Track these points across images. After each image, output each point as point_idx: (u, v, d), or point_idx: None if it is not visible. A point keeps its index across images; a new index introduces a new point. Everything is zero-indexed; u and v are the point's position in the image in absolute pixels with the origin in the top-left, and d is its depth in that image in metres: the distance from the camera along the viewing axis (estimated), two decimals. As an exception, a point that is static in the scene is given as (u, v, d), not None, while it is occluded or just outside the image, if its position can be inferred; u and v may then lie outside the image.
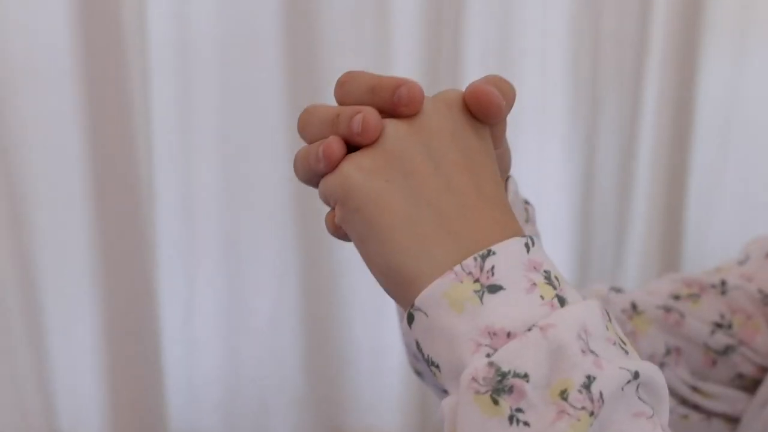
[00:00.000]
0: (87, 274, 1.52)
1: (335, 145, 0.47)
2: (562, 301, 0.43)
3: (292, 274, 1.60)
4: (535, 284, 0.43)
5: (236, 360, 1.67)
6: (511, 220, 0.47)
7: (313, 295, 1.63)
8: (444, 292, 0.43)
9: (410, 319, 0.45)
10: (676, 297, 0.77)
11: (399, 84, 0.47)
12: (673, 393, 0.76)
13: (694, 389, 0.76)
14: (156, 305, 1.53)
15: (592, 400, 0.39)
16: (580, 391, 0.40)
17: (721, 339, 0.74)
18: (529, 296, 0.43)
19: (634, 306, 0.77)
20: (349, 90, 0.49)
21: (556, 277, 0.45)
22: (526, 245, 0.45)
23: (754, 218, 1.69)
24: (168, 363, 1.62)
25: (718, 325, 0.75)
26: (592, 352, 0.41)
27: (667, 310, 0.76)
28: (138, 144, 1.45)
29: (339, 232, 0.49)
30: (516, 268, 0.44)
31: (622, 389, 0.41)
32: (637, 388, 0.42)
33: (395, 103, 0.47)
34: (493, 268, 0.43)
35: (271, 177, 1.57)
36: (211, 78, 1.52)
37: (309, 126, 0.50)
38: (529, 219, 0.64)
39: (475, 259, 0.43)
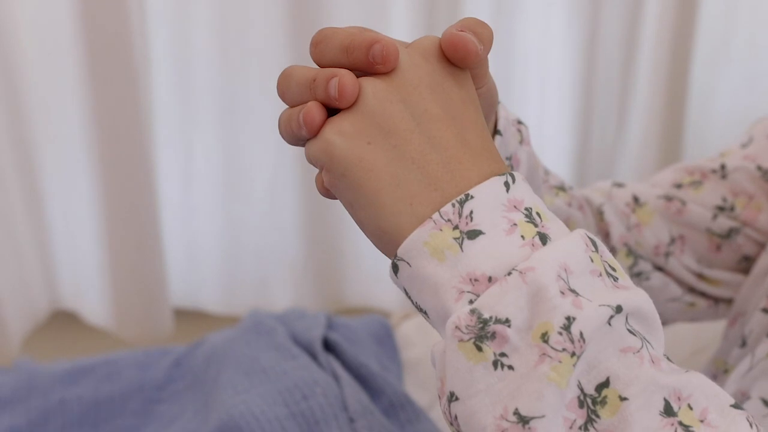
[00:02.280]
0: (84, 145, 1.51)
1: (315, 111, 0.47)
2: (543, 239, 0.43)
3: (290, 147, 1.59)
4: (515, 224, 0.43)
5: (235, 229, 1.68)
6: (498, 167, 0.47)
7: (312, 163, 1.62)
8: (424, 241, 0.43)
9: (395, 269, 0.45)
10: (678, 185, 0.77)
11: (372, 42, 0.46)
12: (680, 282, 0.77)
13: (700, 277, 0.77)
14: (154, 175, 1.53)
15: (572, 341, 0.40)
16: (560, 333, 0.40)
17: (724, 222, 0.75)
18: (510, 238, 0.43)
19: (636, 198, 0.77)
20: (324, 50, 0.48)
21: (538, 213, 0.44)
22: (506, 183, 0.45)
23: (761, 73, 1.67)
24: (167, 232, 1.63)
25: (720, 209, 0.75)
26: (572, 291, 0.41)
27: (669, 199, 0.76)
28: (131, 8, 1.41)
29: (329, 193, 0.49)
30: (495, 209, 0.44)
31: (610, 324, 0.41)
32: (626, 319, 0.42)
33: (370, 62, 0.46)
34: (471, 212, 0.43)
35: (269, 44, 1.54)
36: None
37: (288, 90, 0.49)
38: (523, 140, 0.63)
39: (453, 205, 0.43)
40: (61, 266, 1.65)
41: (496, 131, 0.59)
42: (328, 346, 1.01)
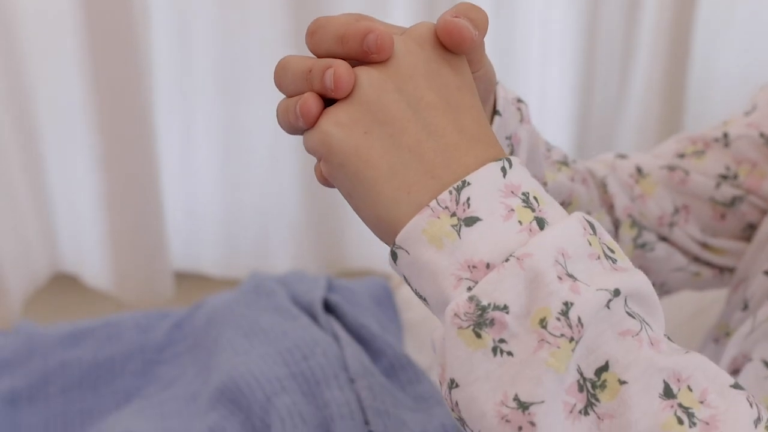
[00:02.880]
0: (84, 108, 1.51)
1: (311, 102, 0.47)
2: (541, 223, 0.43)
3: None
4: (512, 210, 0.43)
5: (235, 192, 1.68)
6: (495, 152, 0.47)
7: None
8: (422, 229, 0.44)
9: (394, 256, 0.46)
10: (681, 155, 0.77)
11: (367, 32, 0.46)
12: (685, 252, 0.77)
13: (705, 246, 0.77)
14: (153, 138, 1.53)
15: (570, 326, 0.40)
16: (558, 319, 0.40)
17: (727, 191, 0.74)
18: (507, 224, 0.43)
19: (639, 169, 0.77)
20: (319, 40, 0.49)
21: (536, 197, 0.45)
22: (503, 169, 0.45)
23: (763, 35, 1.66)
24: (167, 195, 1.63)
25: (724, 177, 0.75)
26: (569, 276, 0.41)
27: (672, 169, 0.76)
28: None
29: (328, 182, 0.49)
30: (492, 195, 0.44)
31: (608, 307, 0.41)
32: (625, 302, 0.42)
33: (365, 52, 0.47)
34: (468, 199, 0.43)
35: (270, 8, 1.52)
36: None
37: (284, 81, 0.49)
38: (523, 118, 0.63)
39: (450, 192, 0.44)
40: (61, 229, 1.65)
41: (495, 112, 0.59)
42: (329, 307, 1.01)
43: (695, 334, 0.94)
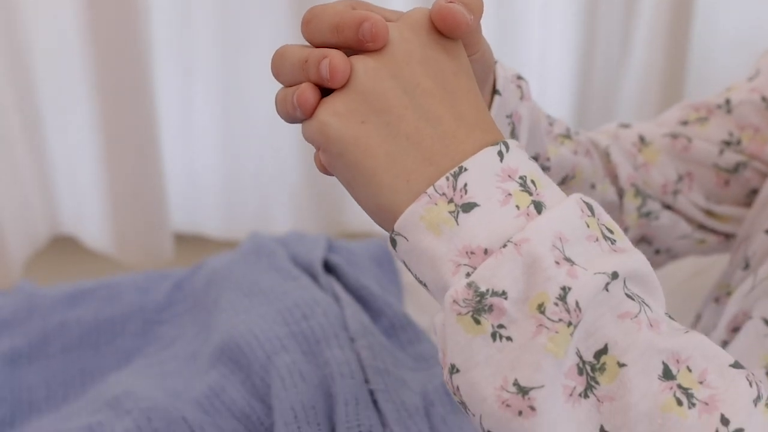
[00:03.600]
0: (83, 69, 1.50)
1: (308, 93, 0.47)
2: (539, 207, 0.43)
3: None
4: (510, 194, 0.44)
5: (236, 153, 1.67)
6: (493, 137, 0.47)
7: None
8: (420, 215, 0.44)
9: (393, 243, 0.46)
10: (685, 122, 0.77)
11: (361, 21, 0.46)
12: (689, 219, 0.77)
13: (709, 213, 0.77)
14: (153, 99, 1.52)
15: (568, 311, 0.40)
16: (556, 304, 0.40)
17: (730, 157, 0.75)
18: (504, 208, 0.43)
19: (641, 138, 0.77)
20: (314, 29, 0.49)
21: (533, 181, 0.45)
22: (500, 153, 0.45)
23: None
24: (167, 156, 1.62)
25: (727, 143, 0.75)
26: (567, 260, 0.41)
27: (674, 137, 0.76)
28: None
29: (328, 171, 0.49)
30: (489, 180, 0.44)
31: (607, 290, 0.41)
32: (624, 283, 0.42)
33: (360, 41, 0.47)
34: (466, 185, 0.44)
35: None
36: None
37: (282, 70, 0.50)
38: (524, 95, 0.63)
39: (447, 178, 0.44)
40: (61, 191, 1.65)
41: (494, 91, 0.59)
42: (329, 268, 1.01)
43: (695, 294, 0.94)
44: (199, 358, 0.91)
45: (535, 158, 0.65)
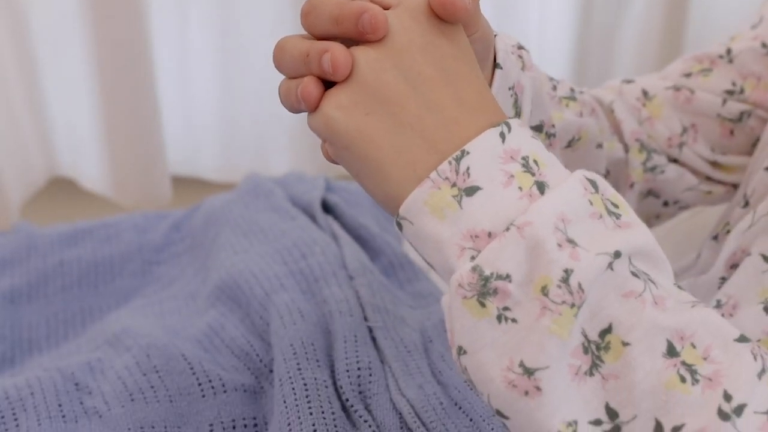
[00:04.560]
0: (78, 12, 1.48)
1: (311, 87, 0.48)
2: (541, 188, 0.44)
3: (288, 11, 1.55)
4: (512, 176, 0.44)
5: (233, 95, 1.66)
6: (496, 118, 0.47)
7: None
8: (424, 200, 0.44)
9: (399, 226, 0.47)
10: (688, 75, 0.77)
11: (361, 12, 0.47)
12: (695, 171, 0.78)
13: (714, 164, 0.77)
14: (150, 41, 1.50)
15: (571, 293, 0.41)
16: (559, 286, 0.41)
17: (734, 107, 0.75)
18: (507, 191, 0.43)
19: (645, 92, 0.77)
20: (314, 21, 0.49)
21: (536, 161, 0.45)
22: (501, 134, 0.45)
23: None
24: (164, 98, 1.61)
25: (730, 93, 0.75)
26: (569, 242, 0.42)
27: (677, 89, 0.76)
28: None
29: (335, 161, 0.50)
30: (492, 162, 0.44)
31: (612, 268, 0.42)
32: (630, 261, 0.42)
33: (360, 32, 0.47)
34: (468, 168, 0.44)
35: None
36: None
37: (283, 63, 0.51)
38: (525, 65, 0.63)
39: (450, 162, 0.44)
40: (58, 133, 1.64)
41: (495, 65, 0.59)
42: (327, 208, 1.01)
43: (694, 233, 0.95)
44: (197, 297, 0.91)
45: (540, 126, 0.65)
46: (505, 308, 0.42)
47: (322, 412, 0.68)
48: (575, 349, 0.42)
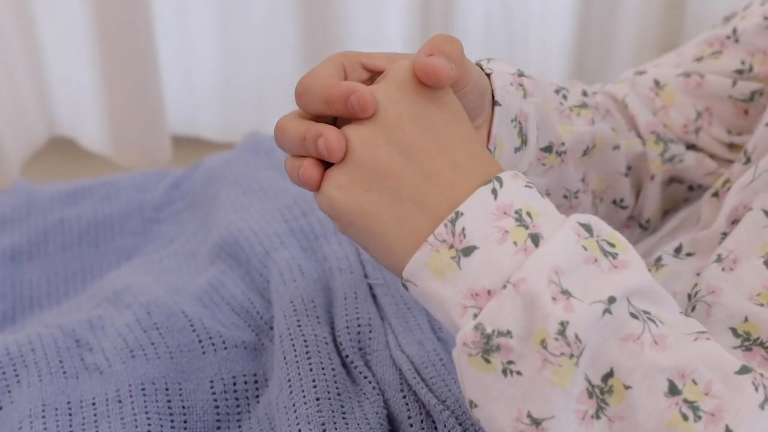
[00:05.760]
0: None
1: (311, 171, 0.50)
2: (536, 240, 0.45)
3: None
4: (506, 231, 0.45)
5: (233, 55, 1.65)
6: (490, 175, 0.48)
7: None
8: (425, 263, 0.46)
9: (405, 287, 0.49)
10: (699, 59, 0.77)
11: (348, 93, 0.48)
12: (714, 156, 0.78)
13: (732, 146, 0.78)
14: (149, 3, 1.48)
15: (569, 344, 0.42)
16: (556, 339, 0.42)
17: (744, 86, 0.74)
18: (502, 247, 0.45)
19: (657, 82, 0.78)
20: (307, 102, 0.51)
21: (529, 213, 0.46)
22: (493, 191, 0.46)
23: None
24: (163, 57, 1.60)
25: (740, 72, 0.75)
26: (564, 293, 0.43)
27: (687, 75, 0.76)
28: None
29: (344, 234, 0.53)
30: (485, 221, 0.46)
31: (611, 312, 0.43)
32: (629, 302, 0.44)
33: (350, 112, 0.49)
34: (464, 229, 0.45)
35: None
36: None
37: (284, 144, 0.53)
38: (527, 93, 0.63)
39: (446, 225, 0.46)
40: (57, 93, 1.63)
41: (494, 103, 0.59)
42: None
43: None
44: (197, 255, 0.91)
45: (549, 147, 0.66)
46: (510, 362, 0.43)
47: (322, 369, 0.68)
48: (580, 395, 0.43)
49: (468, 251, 0.45)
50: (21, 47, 1.52)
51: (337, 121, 0.53)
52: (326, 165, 0.50)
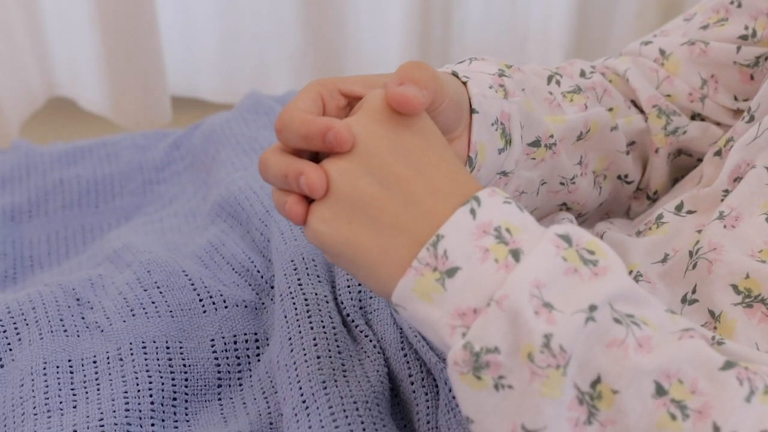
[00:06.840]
0: None
1: (296, 207, 0.51)
2: (516, 255, 0.46)
3: None
4: (487, 250, 0.46)
5: (233, 15, 1.63)
6: (469, 196, 0.49)
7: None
8: (411, 288, 0.47)
9: (395, 311, 0.51)
10: (705, 26, 0.77)
11: (325, 131, 0.50)
12: (719, 123, 0.77)
13: (737, 113, 0.77)
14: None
15: (554, 356, 0.43)
16: (541, 352, 0.43)
17: (749, 51, 0.74)
18: (484, 265, 0.46)
19: (662, 51, 0.77)
20: (287, 138, 0.52)
21: (508, 229, 0.47)
22: (472, 211, 0.47)
23: None
24: (163, 18, 1.59)
25: (744, 38, 0.74)
26: (546, 306, 0.44)
27: (692, 43, 0.76)
28: None
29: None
30: (466, 241, 0.46)
31: (594, 320, 0.44)
32: (611, 307, 0.45)
33: (328, 148, 0.50)
34: (446, 251, 0.46)
35: None
36: None
37: (269, 178, 0.54)
38: (508, 93, 0.64)
39: (428, 249, 0.47)
40: (57, 53, 1.62)
41: (472, 110, 0.60)
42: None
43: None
44: (198, 214, 0.91)
45: (537, 141, 0.67)
46: (500, 377, 0.45)
47: (323, 327, 0.68)
48: (571, 403, 0.44)
49: (452, 272, 0.46)
50: (20, 7, 1.51)
51: (318, 153, 0.54)
52: (311, 199, 0.51)
